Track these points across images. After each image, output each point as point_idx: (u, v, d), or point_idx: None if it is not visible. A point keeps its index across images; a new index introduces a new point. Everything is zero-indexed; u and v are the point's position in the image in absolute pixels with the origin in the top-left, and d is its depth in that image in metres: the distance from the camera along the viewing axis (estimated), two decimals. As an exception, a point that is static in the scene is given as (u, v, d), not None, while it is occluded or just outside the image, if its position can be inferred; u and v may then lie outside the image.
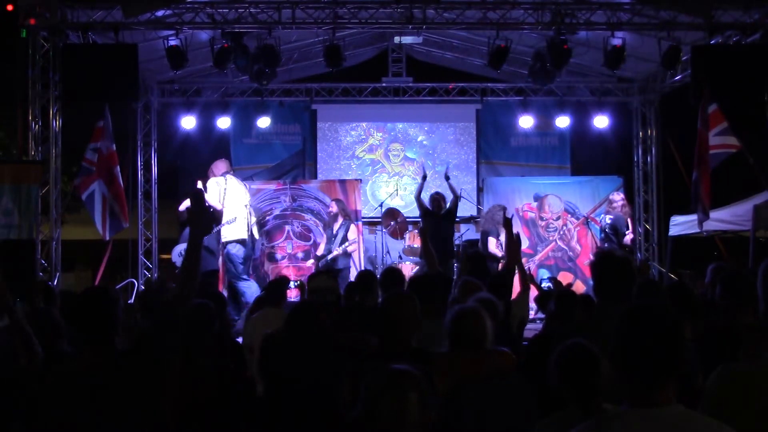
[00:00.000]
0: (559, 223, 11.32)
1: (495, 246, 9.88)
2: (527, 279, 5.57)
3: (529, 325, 5.82)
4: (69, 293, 6.66)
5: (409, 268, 10.28)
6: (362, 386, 2.21)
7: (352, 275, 9.59)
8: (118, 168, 9.75)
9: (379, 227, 12.13)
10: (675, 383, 1.89)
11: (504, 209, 9.90)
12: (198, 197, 2.91)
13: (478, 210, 12.51)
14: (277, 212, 11.10)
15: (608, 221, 9.93)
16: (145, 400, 2.62)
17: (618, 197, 10.22)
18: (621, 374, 1.93)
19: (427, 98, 13.31)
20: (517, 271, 5.34)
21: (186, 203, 10.53)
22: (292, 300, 8.26)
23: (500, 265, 9.70)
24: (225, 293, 9.36)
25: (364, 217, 11.71)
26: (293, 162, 13.29)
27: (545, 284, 9.46)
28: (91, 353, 2.72)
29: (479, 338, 3.29)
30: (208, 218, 2.93)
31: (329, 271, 5.44)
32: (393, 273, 5.56)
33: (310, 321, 3.50)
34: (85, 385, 2.61)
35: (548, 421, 2.70)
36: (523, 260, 10.93)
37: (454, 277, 7.95)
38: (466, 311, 3.36)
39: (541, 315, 7.42)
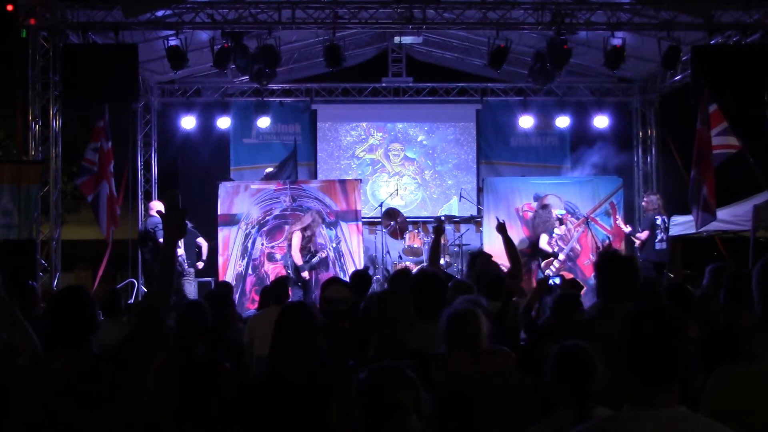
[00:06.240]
0: (559, 223, 11.31)
1: (546, 243, 10.44)
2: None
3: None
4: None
5: (409, 268, 10.29)
6: (354, 388, 2.17)
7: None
8: (112, 166, 9.75)
9: (379, 227, 12.13)
10: (678, 385, 1.89)
11: (549, 208, 10.50)
12: (172, 200, 2.89)
13: (478, 210, 12.50)
14: (277, 212, 11.08)
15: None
16: (123, 404, 2.60)
17: (646, 201, 10.82)
18: (624, 375, 1.93)
19: (427, 98, 13.31)
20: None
21: (158, 205, 10.56)
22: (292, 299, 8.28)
23: (548, 261, 10.39)
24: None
25: (364, 217, 11.69)
26: (287, 161, 13.28)
27: (552, 281, 9.50)
28: (66, 356, 2.68)
29: (475, 338, 3.29)
30: (183, 221, 2.91)
31: (341, 281, 5.40)
32: (404, 275, 5.55)
33: (299, 321, 3.47)
34: (60, 389, 2.59)
35: (541, 424, 2.70)
36: (523, 260, 10.96)
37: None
38: (462, 312, 3.35)
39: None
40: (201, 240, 10.81)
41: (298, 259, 10.15)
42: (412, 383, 2.12)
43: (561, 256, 10.45)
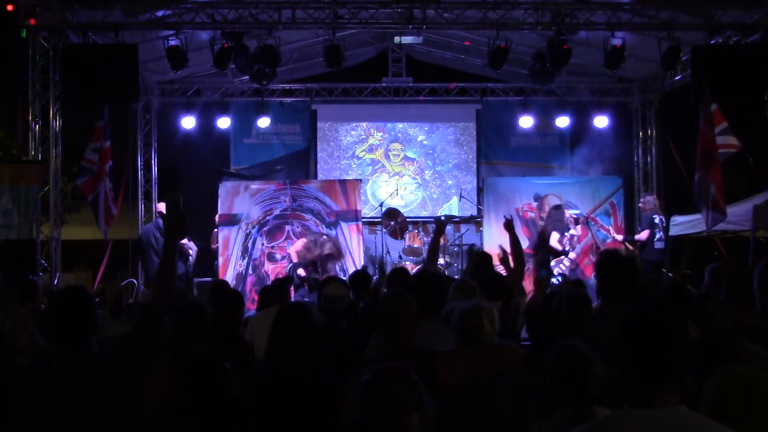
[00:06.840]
0: (559, 223, 11.29)
1: (557, 241, 10.24)
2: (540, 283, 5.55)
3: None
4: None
5: (409, 268, 10.28)
6: (358, 389, 2.18)
7: None
8: (109, 165, 9.75)
9: (379, 227, 12.13)
10: (678, 385, 1.89)
11: (563, 209, 10.38)
12: (174, 200, 2.93)
13: (479, 210, 12.50)
14: (277, 212, 11.07)
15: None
16: (122, 403, 2.61)
17: (642, 202, 10.94)
18: (623, 375, 1.93)
19: (427, 98, 13.31)
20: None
21: (161, 206, 10.57)
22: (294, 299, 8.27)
23: (558, 259, 10.22)
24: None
25: (364, 217, 11.69)
26: (293, 162, 13.29)
27: (554, 279, 9.50)
28: (67, 355, 2.69)
29: (482, 334, 3.30)
30: (184, 222, 2.94)
31: (340, 279, 5.41)
32: (401, 273, 5.55)
33: (297, 321, 3.46)
34: (60, 389, 2.59)
35: (542, 424, 2.71)
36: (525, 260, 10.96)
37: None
38: (468, 308, 3.36)
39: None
40: (190, 243, 10.53)
41: (293, 257, 10.19)
42: (414, 384, 2.12)
43: (572, 255, 10.44)
